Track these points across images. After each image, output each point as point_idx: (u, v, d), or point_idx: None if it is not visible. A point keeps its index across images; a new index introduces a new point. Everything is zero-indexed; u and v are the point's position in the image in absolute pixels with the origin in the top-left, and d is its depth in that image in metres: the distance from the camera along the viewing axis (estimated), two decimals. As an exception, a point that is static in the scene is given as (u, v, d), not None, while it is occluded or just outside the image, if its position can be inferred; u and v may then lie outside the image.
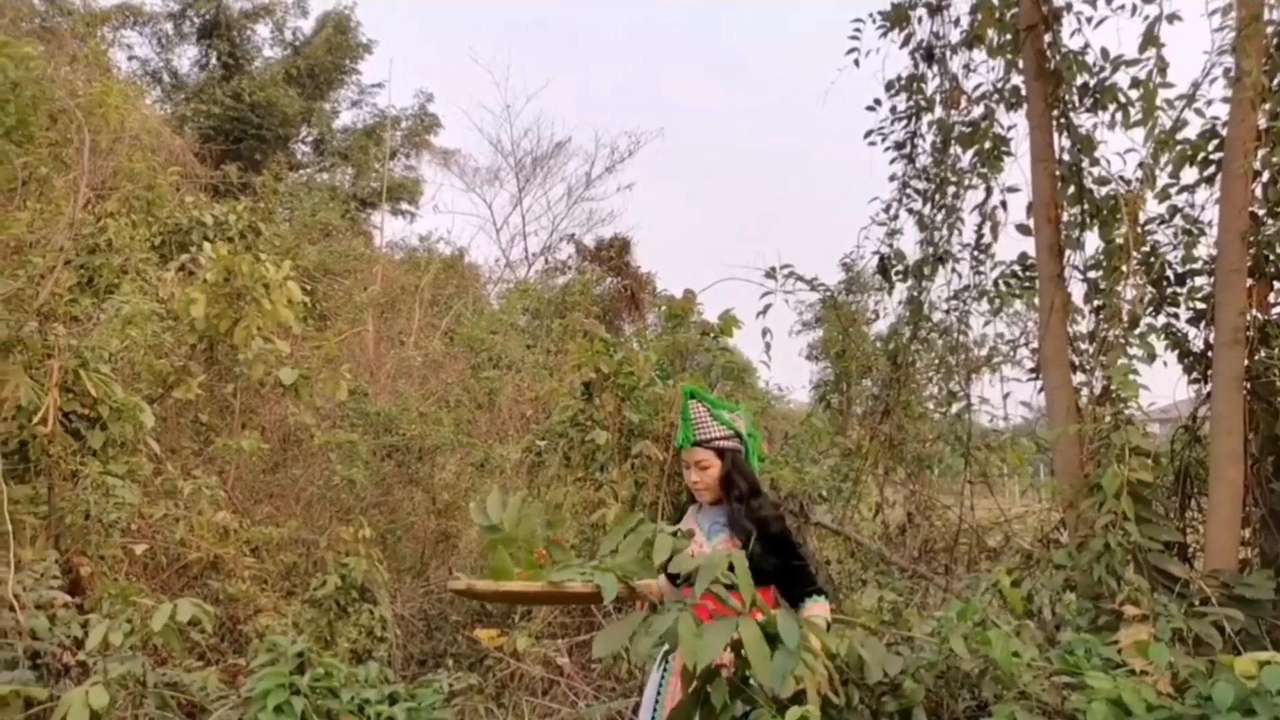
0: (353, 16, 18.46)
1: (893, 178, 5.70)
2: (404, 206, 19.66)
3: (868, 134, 5.65)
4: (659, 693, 2.94)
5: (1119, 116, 4.46)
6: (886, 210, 5.65)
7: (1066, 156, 4.56)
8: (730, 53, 42.62)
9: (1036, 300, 4.99)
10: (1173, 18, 4.24)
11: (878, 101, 5.62)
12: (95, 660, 3.53)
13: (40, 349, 4.27)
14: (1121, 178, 4.43)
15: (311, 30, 18.48)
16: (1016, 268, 5.13)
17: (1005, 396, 5.25)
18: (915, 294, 5.47)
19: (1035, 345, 5.13)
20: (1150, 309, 4.31)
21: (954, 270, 5.45)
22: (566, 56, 38.94)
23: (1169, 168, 4.31)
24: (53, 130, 5.29)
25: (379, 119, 19.49)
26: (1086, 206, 4.47)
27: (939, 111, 5.41)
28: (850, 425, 6.39)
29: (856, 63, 5.40)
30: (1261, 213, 4.02)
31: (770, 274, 5.63)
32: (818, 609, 2.78)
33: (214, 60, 17.24)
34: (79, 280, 5.09)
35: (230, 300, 6.48)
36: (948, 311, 5.45)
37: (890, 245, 5.62)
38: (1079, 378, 4.42)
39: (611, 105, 41.08)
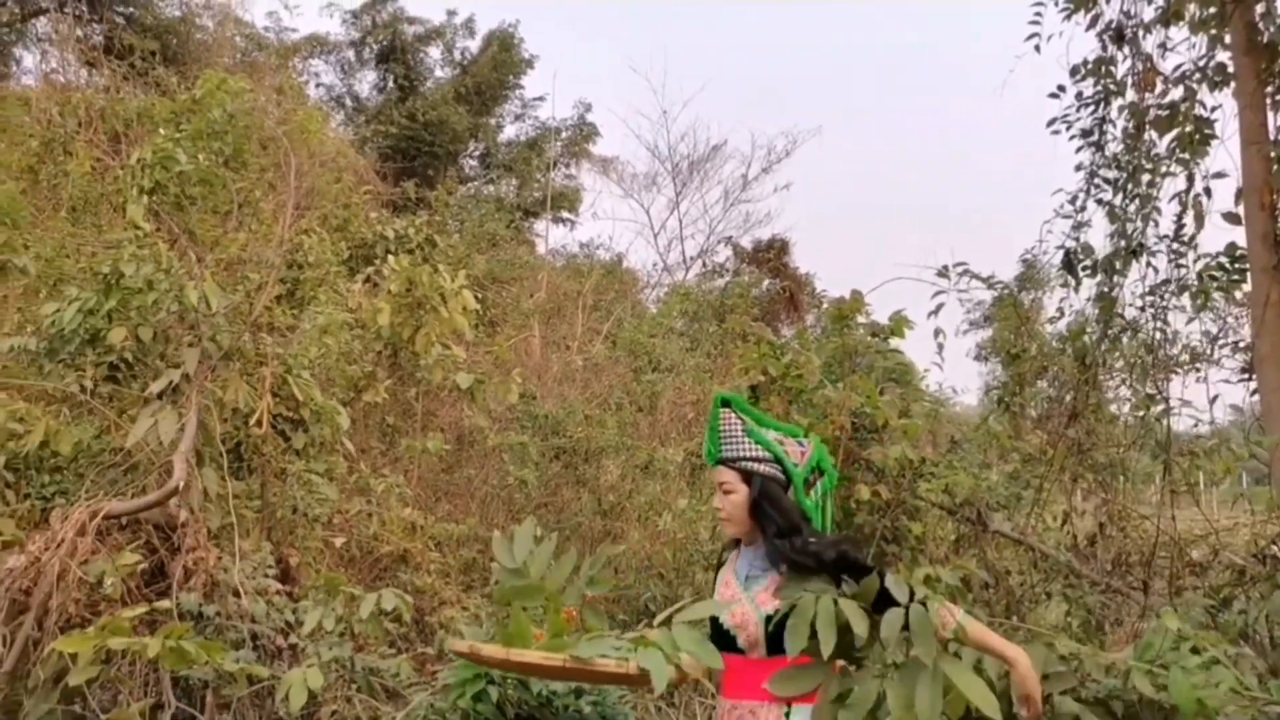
0: (516, 33, 19.20)
1: (1079, 167, 5.36)
2: (564, 215, 20.24)
3: (1051, 122, 5.34)
4: None
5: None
6: (1072, 202, 5.32)
7: (1283, 137, 4.17)
8: (893, 46, 41.48)
9: (1242, 295, 4.59)
10: None
11: (1061, 88, 5.31)
12: (305, 644, 3.83)
13: (254, 357, 4.68)
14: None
15: (478, 49, 19.35)
16: (1224, 259, 4.71)
17: (1213, 400, 4.82)
18: (1106, 290, 5.12)
19: (1246, 343, 4.71)
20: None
21: (1149, 264, 5.07)
22: (722, 59, 38.95)
23: None
24: (262, 156, 5.81)
25: (540, 131, 20.17)
26: (1307, 190, 4.07)
27: (1131, 95, 5.05)
28: (1027, 429, 6.07)
29: (1037, 48, 5.12)
30: None
31: (943, 272, 5.42)
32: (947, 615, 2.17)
33: (391, 83, 18.34)
34: (283, 293, 5.54)
35: (411, 309, 6.90)
36: (1143, 308, 5.07)
37: (1077, 239, 5.29)
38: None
39: (767, 106, 40.78)
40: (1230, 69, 4.45)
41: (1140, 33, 4.97)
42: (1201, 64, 4.67)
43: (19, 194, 5.26)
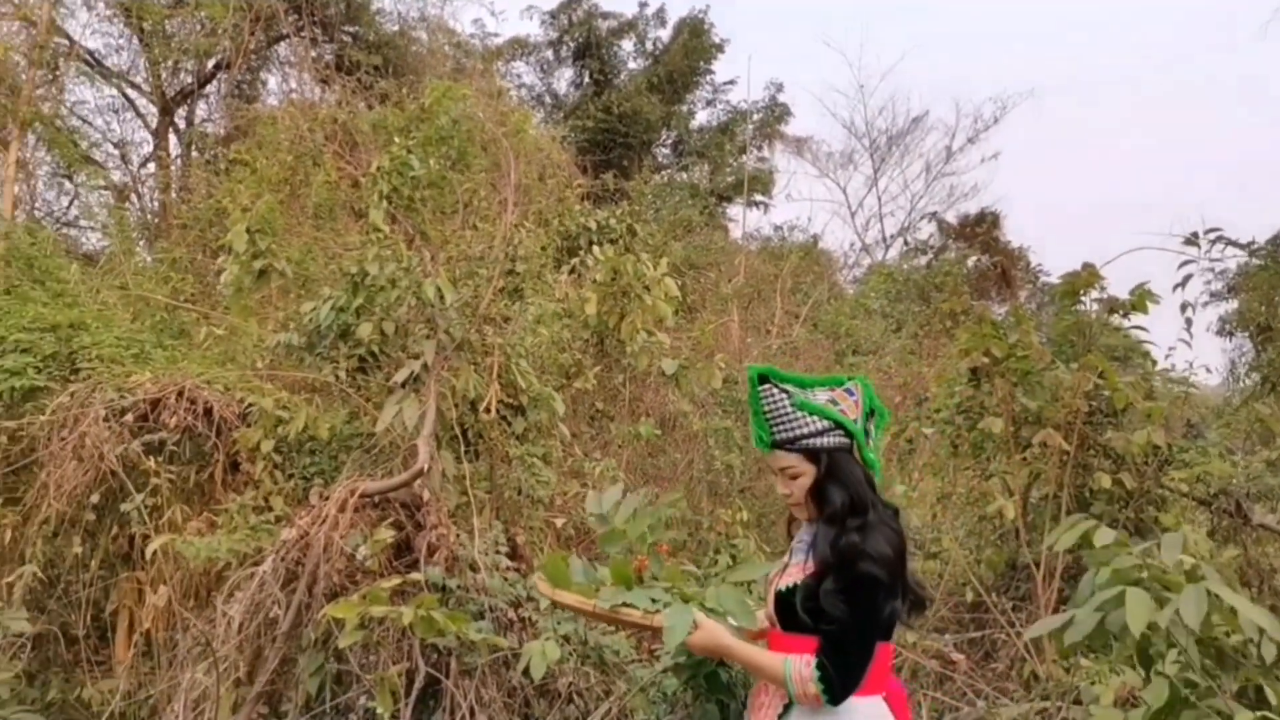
0: (706, 19, 19.21)
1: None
2: (758, 198, 20.10)
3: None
4: None
5: None
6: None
7: None
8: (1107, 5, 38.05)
9: None
10: None
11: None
12: (536, 618, 4.04)
13: (481, 347, 4.98)
14: None
15: (669, 37, 19.53)
16: None
17: None
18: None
19: None
20: None
21: None
22: (922, 26, 37.19)
23: None
24: (482, 158, 6.18)
25: (732, 115, 20.10)
26: None
27: None
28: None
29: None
30: None
31: (1191, 240, 4.92)
32: (798, 672, 2.06)
33: (586, 79, 18.88)
34: (505, 287, 5.85)
35: (616, 297, 7.09)
36: None
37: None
38: None
39: (974, 73, 38.52)
40: None
41: None
42: None
43: (276, 204, 5.86)
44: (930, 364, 9.40)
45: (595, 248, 8.14)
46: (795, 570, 2.18)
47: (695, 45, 19.17)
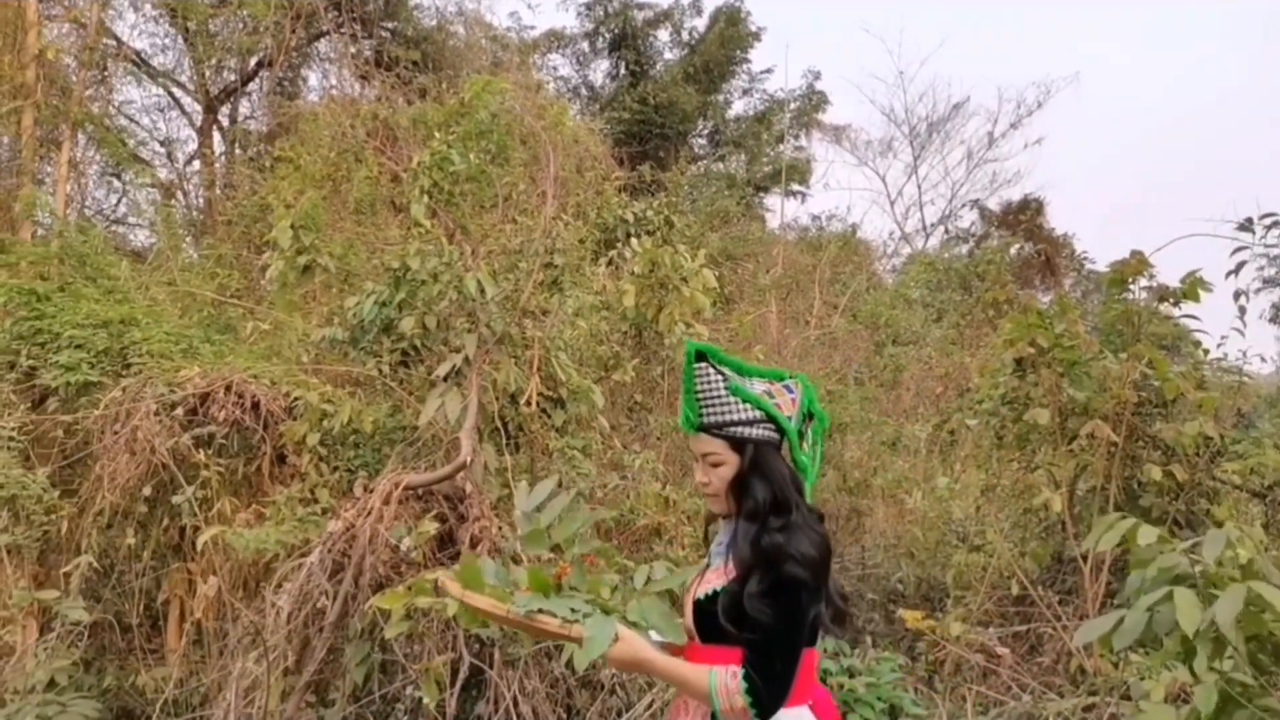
0: (742, 7, 19.07)
1: None
2: (795, 187, 19.94)
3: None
4: None
5: None
6: None
7: None
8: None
9: None
10: None
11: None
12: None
13: (521, 341, 5.01)
14: None
15: (705, 27, 19.42)
16: None
17: None
18: None
19: None
20: None
21: None
22: (963, 10, 36.48)
23: None
24: (521, 151, 6.20)
25: (769, 104, 19.95)
26: None
27: None
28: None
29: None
30: None
31: (1245, 226, 4.79)
32: (724, 685, 1.90)
33: (623, 70, 18.84)
34: (544, 280, 5.88)
35: (654, 289, 7.09)
36: None
37: None
38: None
39: (1015, 58, 37.77)
40: None
41: None
42: None
43: (319, 200, 5.94)
44: (972, 354, 9.28)
45: (633, 240, 8.15)
46: (714, 576, 2.03)
47: (731, 34, 19.03)
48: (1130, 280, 4.97)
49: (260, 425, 5.05)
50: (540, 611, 1.96)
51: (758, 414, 2.00)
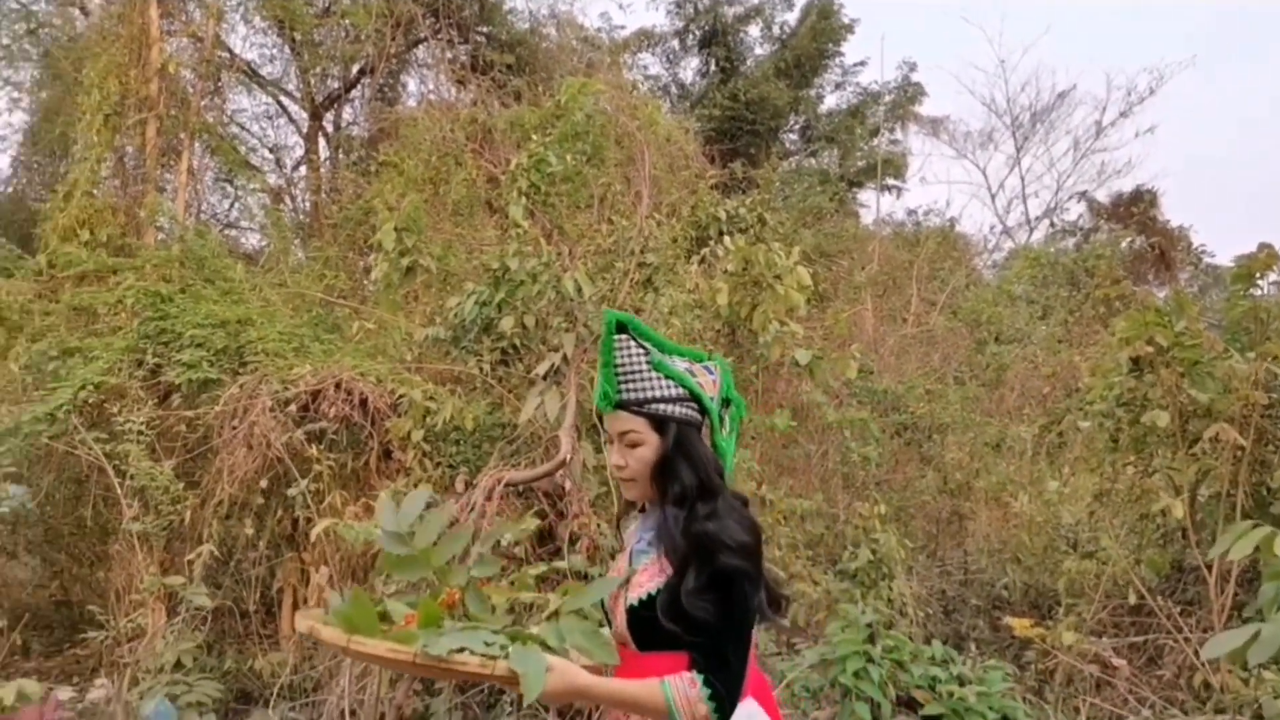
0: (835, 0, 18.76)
1: None
2: (890, 182, 19.52)
3: None
4: None
5: None
6: None
7: None
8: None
9: None
10: None
11: None
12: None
13: (618, 339, 5.03)
14: None
15: (796, 21, 19.18)
16: None
17: None
18: None
19: None
20: None
21: None
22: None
23: None
24: (616, 151, 6.26)
25: (862, 97, 19.57)
26: None
27: None
28: None
29: None
30: None
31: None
32: (683, 696, 1.74)
33: (713, 67, 18.77)
34: (640, 279, 5.91)
35: (748, 287, 7.03)
36: None
37: None
38: None
39: (1125, 43, 36.03)
40: None
41: None
42: None
43: (421, 203, 6.10)
44: (1082, 353, 8.91)
45: (725, 238, 8.11)
46: (646, 577, 1.85)
47: (824, 27, 18.74)
48: (1258, 275, 4.70)
49: (368, 421, 5.22)
50: (460, 650, 1.66)
51: (681, 391, 1.86)
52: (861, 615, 2.89)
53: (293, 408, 5.21)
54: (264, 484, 5.10)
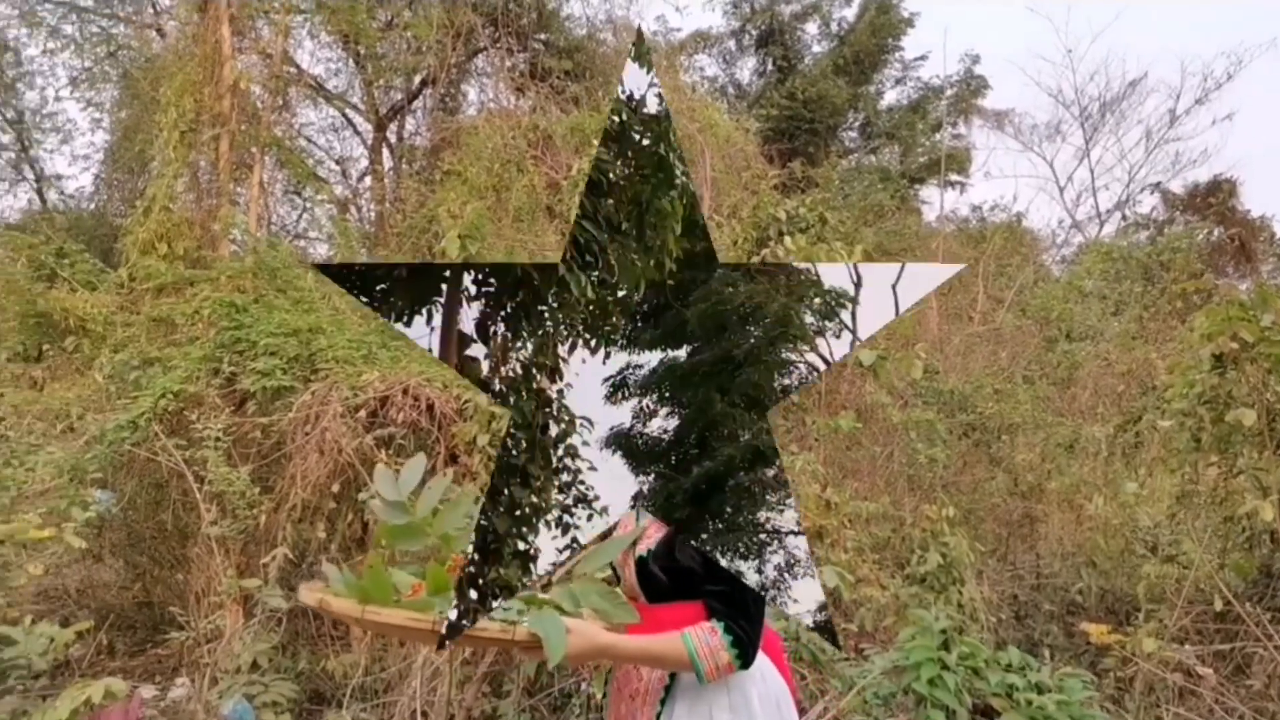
0: (894, -7, 18.52)
1: None
2: (953, 178, 19.14)
3: None
4: None
5: None
6: None
7: None
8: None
9: None
10: None
11: None
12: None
13: (680, 342, 5.03)
14: None
15: (854, 16, 18.95)
16: None
17: None
18: None
19: None
20: None
21: None
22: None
23: None
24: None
25: (924, 92, 19.24)
26: None
27: None
28: None
29: None
30: None
31: None
32: (705, 644, 1.76)
33: (770, 66, 18.65)
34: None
35: (810, 288, 6.97)
36: None
37: None
38: None
39: (1200, 28, 34.73)
40: None
41: None
42: None
43: (484, 210, 6.18)
44: (1159, 349, 8.61)
45: (786, 238, 8.04)
46: (655, 529, 1.92)
47: (883, 22, 18.48)
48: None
49: (434, 426, 5.30)
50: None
51: None
52: (935, 621, 2.84)
53: (362, 414, 5.31)
54: (335, 488, 5.21)
